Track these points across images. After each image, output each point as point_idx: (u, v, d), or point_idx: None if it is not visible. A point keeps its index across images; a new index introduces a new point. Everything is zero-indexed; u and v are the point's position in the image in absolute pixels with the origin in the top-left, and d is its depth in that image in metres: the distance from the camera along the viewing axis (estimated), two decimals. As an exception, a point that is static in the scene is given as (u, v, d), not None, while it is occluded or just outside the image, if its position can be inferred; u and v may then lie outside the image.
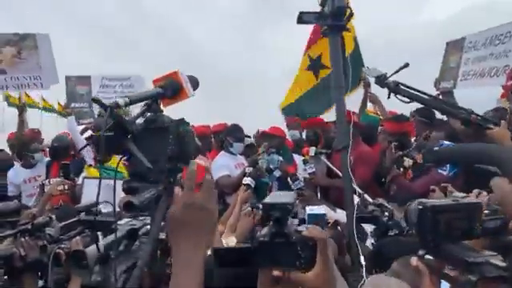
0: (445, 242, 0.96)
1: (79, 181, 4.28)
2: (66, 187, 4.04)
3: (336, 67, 2.35)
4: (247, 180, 3.47)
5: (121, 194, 1.06)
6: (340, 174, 3.68)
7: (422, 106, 3.17)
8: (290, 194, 1.01)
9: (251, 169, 3.74)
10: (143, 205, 0.92)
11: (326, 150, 4.35)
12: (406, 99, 2.46)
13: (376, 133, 4.69)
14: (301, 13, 2.43)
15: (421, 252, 1.00)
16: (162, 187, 1.01)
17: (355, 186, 2.88)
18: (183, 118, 1.08)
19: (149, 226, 1.33)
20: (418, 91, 2.47)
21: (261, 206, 1.16)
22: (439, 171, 2.81)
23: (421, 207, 0.96)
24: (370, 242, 2.47)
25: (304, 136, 5.09)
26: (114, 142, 0.99)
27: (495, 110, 3.81)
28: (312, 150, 4.21)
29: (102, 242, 1.29)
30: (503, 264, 0.87)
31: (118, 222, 1.47)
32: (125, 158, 1.03)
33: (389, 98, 2.50)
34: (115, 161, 1.09)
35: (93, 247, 1.31)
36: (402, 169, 3.90)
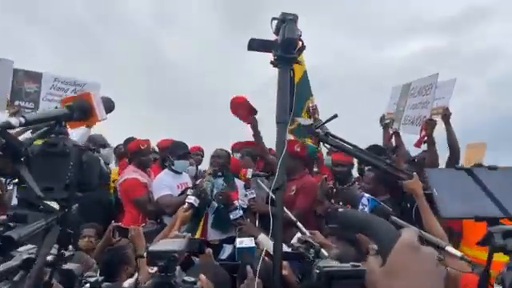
0: None
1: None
2: None
3: (281, 101, 2.29)
4: (191, 199, 3.23)
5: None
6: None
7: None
8: (179, 242, 0.96)
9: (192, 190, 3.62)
10: (23, 240, 0.83)
11: (264, 172, 4.36)
12: (334, 148, 2.59)
13: (313, 162, 4.80)
14: (251, 39, 2.45)
15: None
16: (52, 218, 0.93)
17: (292, 217, 2.89)
18: (88, 145, 1.01)
19: (49, 257, 1.22)
20: (344, 141, 2.61)
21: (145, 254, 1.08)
22: (360, 208, 2.95)
23: (317, 271, 0.94)
24: None
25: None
26: (4, 163, 0.90)
27: (412, 161, 4.06)
28: (249, 172, 4.19)
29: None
30: None
31: (18, 249, 1.34)
32: (14, 181, 0.94)
33: (318, 146, 2.63)
34: None
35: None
36: (341, 203, 4.01)
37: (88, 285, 1.49)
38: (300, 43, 2.37)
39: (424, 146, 4.18)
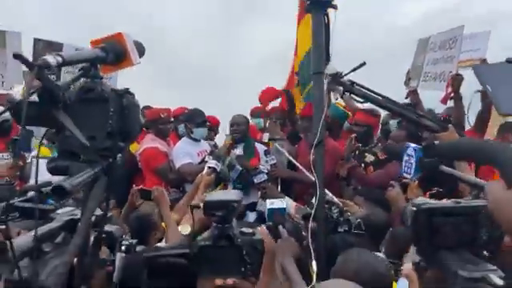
0: (442, 250, 0.83)
1: (29, 159, 3.98)
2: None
3: (317, 49, 2.13)
4: (212, 163, 3.21)
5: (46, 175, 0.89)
6: (299, 165, 3.66)
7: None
8: (235, 192, 0.88)
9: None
10: (76, 189, 0.75)
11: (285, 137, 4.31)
12: (360, 98, 2.44)
13: (341, 128, 4.66)
14: None
15: (416, 259, 0.88)
16: (98, 168, 0.85)
17: (313, 179, 2.82)
18: (128, 89, 0.92)
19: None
20: (372, 91, 2.45)
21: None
22: (403, 174, 2.84)
23: (415, 209, 0.83)
24: None
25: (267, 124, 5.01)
26: (41, 111, 0.82)
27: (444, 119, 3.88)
28: (265, 136, 4.12)
29: (33, 232, 1.11)
30: (501, 282, 0.75)
31: (57, 211, 1.29)
32: (52, 131, 0.85)
33: (342, 97, 2.48)
34: None
35: (22, 238, 1.13)
36: (363, 164, 3.93)
37: (124, 247, 1.46)
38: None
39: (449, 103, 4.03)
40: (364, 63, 2.46)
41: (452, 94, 3.79)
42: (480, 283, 0.73)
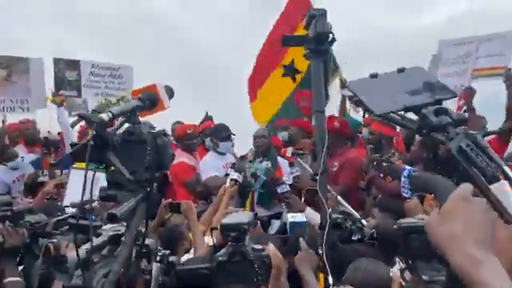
0: (417, 260, 1.02)
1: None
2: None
3: (317, 92, 2.40)
4: (234, 175, 3.44)
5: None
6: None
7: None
8: (246, 214, 1.08)
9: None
10: (124, 215, 0.98)
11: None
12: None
13: (356, 136, 4.80)
14: (285, 36, 2.71)
15: (402, 267, 1.07)
16: (139, 196, 1.07)
17: (333, 193, 2.96)
18: (163, 130, 1.14)
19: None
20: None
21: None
22: (402, 180, 2.95)
23: (395, 227, 1.03)
24: None
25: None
26: (95, 153, 1.05)
27: None
28: (289, 151, 4.28)
29: (85, 246, 1.34)
30: None
31: (103, 227, 1.52)
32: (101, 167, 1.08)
33: (364, 116, 2.62)
34: None
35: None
36: (381, 174, 4.03)
37: (158, 257, 1.67)
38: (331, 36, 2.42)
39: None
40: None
41: (464, 107, 3.85)
42: (434, 284, 0.91)
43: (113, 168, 1.07)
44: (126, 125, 1.13)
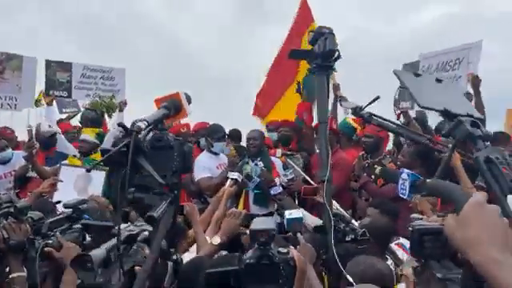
0: (430, 260, 1.12)
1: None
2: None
3: (321, 104, 2.53)
4: (235, 175, 3.48)
5: (96, 185, 1.17)
6: (310, 180, 3.94)
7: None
8: (270, 220, 1.17)
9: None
10: (160, 217, 1.05)
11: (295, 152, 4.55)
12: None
13: (349, 140, 4.93)
14: (292, 50, 2.85)
15: (415, 264, 1.17)
16: (169, 200, 1.13)
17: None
18: (187, 138, 1.21)
19: (146, 233, 1.46)
20: (388, 120, 2.73)
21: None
22: (400, 182, 3.07)
23: (411, 229, 1.13)
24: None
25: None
26: (126, 157, 1.10)
27: None
28: (278, 152, 4.36)
29: (105, 245, 1.39)
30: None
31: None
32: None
33: (364, 127, 2.73)
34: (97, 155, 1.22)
35: (96, 251, 1.42)
36: (373, 176, 4.14)
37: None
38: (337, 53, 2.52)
39: None
40: (378, 97, 2.73)
41: None
42: (447, 281, 1.02)
43: (141, 172, 1.13)
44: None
